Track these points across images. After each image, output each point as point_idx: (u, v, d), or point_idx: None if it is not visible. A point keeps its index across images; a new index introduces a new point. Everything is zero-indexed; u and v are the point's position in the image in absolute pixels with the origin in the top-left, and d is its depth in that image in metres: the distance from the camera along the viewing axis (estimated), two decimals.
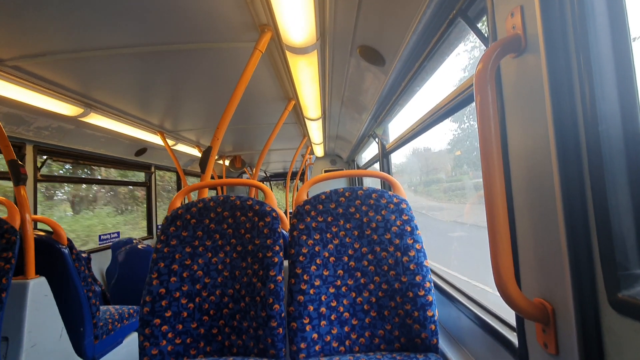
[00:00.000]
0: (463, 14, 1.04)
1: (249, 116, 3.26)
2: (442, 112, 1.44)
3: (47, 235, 1.86)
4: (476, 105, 0.67)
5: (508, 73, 0.77)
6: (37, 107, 2.19)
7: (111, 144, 3.33)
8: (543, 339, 0.70)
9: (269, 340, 1.11)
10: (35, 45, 1.59)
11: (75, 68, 1.86)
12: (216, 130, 1.69)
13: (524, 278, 0.76)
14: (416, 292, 1.13)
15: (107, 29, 1.50)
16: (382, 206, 1.25)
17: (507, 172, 0.79)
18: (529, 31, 0.69)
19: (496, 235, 0.64)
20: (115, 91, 2.29)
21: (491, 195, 0.64)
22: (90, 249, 3.29)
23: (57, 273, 1.79)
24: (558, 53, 0.64)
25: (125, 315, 2.21)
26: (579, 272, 0.60)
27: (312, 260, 1.21)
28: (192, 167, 5.45)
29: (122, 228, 5.02)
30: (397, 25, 1.38)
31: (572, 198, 0.61)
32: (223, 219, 1.30)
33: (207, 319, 1.21)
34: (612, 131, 0.56)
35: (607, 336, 0.57)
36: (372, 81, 2.10)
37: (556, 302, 0.65)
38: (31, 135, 2.54)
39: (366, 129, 3.29)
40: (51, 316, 1.73)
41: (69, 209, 4.56)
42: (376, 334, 1.16)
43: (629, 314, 0.52)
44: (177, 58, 1.84)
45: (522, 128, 0.73)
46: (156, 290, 1.19)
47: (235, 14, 1.44)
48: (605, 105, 0.56)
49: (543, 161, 0.66)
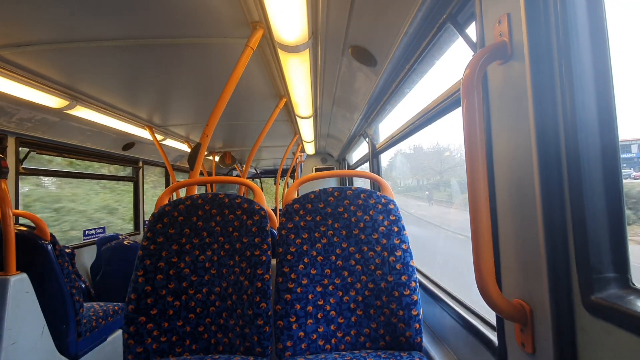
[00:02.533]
0: (453, 19, 1.05)
1: (239, 113, 3.23)
2: (430, 115, 1.46)
3: (29, 230, 1.81)
4: (462, 110, 0.68)
5: (494, 79, 0.79)
6: (20, 98, 2.12)
7: (98, 137, 3.26)
8: (521, 339, 0.72)
9: (255, 339, 1.12)
10: (19, 35, 1.54)
11: (61, 59, 1.81)
12: (205, 127, 1.68)
13: (505, 280, 0.78)
14: (402, 292, 1.15)
15: (95, 20, 1.46)
16: (370, 206, 1.26)
17: (490, 176, 0.81)
18: (515, 38, 0.70)
19: (479, 237, 0.65)
20: (103, 84, 2.24)
21: (475, 198, 0.66)
22: (75, 245, 3.23)
23: (39, 269, 1.75)
24: (542, 60, 0.65)
25: (110, 312, 2.17)
26: (556, 275, 0.62)
27: (300, 259, 1.22)
28: (181, 163, 5.38)
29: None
30: (388, 26, 1.39)
31: (552, 203, 0.63)
32: (211, 216, 1.30)
33: (194, 316, 1.20)
34: (590, 139, 0.58)
35: (581, 336, 0.59)
36: (363, 81, 2.11)
37: (534, 303, 0.67)
38: (13, 127, 2.46)
39: (357, 128, 3.31)
40: (32, 313, 1.70)
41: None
42: (362, 332, 1.18)
43: (601, 316, 0.54)
44: (166, 52, 1.81)
45: (506, 133, 0.75)
46: (142, 288, 1.18)
47: (227, 9, 1.42)
48: (584, 114, 0.58)
49: (525, 166, 0.68)
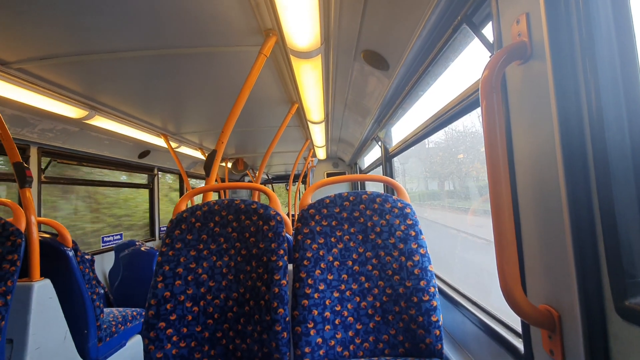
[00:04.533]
0: (468, 20, 1.04)
1: (252, 119, 3.27)
2: (446, 117, 1.44)
3: (52, 237, 1.87)
4: (482, 112, 0.67)
5: (514, 80, 0.78)
6: (42, 110, 2.21)
7: (115, 146, 3.36)
8: (549, 346, 0.70)
9: (273, 344, 1.11)
10: (40, 48, 1.61)
11: (80, 71, 1.87)
12: (221, 134, 1.70)
13: (530, 284, 0.76)
14: (420, 297, 1.13)
15: (113, 33, 1.51)
16: (386, 210, 1.25)
17: (512, 178, 0.79)
18: (535, 38, 0.69)
19: (502, 241, 0.64)
20: (120, 94, 2.31)
21: (497, 201, 0.64)
22: (93, 251, 3.31)
23: (61, 275, 1.79)
24: (564, 60, 0.64)
25: (129, 317, 2.21)
26: (586, 279, 0.60)
27: (317, 264, 1.22)
28: (194, 170, 5.46)
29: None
30: (401, 30, 1.39)
31: (579, 205, 0.61)
32: (228, 222, 1.31)
33: (212, 322, 1.21)
34: (618, 138, 0.56)
35: (614, 343, 0.57)
36: (375, 85, 2.11)
37: (562, 309, 0.65)
38: (35, 137, 2.55)
39: (369, 132, 3.30)
40: (55, 318, 1.74)
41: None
42: (380, 338, 1.16)
43: (636, 322, 0.52)
44: (181, 61, 1.86)
45: (528, 134, 0.74)
46: (161, 294, 1.20)
47: (241, 18, 1.45)
48: (611, 112, 0.57)
49: (549, 167, 0.66)
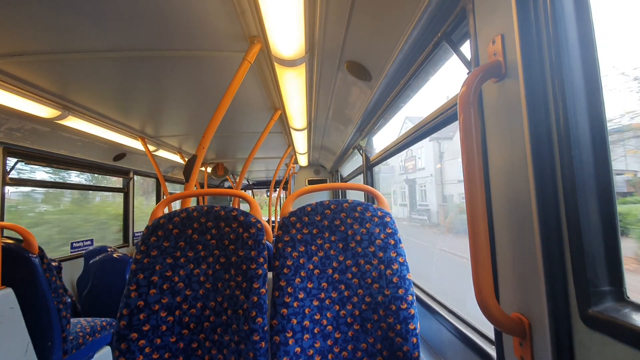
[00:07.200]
0: (447, 37, 1.09)
1: (234, 124, 3.24)
2: (425, 129, 1.49)
3: (16, 243, 1.76)
4: (459, 126, 0.70)
5: (489, 96, 0.82)
6: (10, 108, 2.09)
7: (89, 148, 3.22)
8: (520, 353, 0.72)
9: (251, 355, 1.09)
10: (11, 44, 1.53)
11: (54, 69, 1.80)
12: (202, 139, 1.67)
13: (503, 293, 0.79)
14: (399, 305, 1.14)
15: (91, 32, 1.46)
16: (366, 219, 1.27)
17: (487, 189, 0.82)
18: (509, 58, 0.73)
19: (477, 251, 0.66)
20: (96, 94, 2.22)
21: (473, 211, 0.67)
22: (61, 257, 3.13)
23: (25, 283, 1.69)
24: (535, 80, 0.68)
25: (97, 328, 2.10)
26: (554, 288, 0.63)
27: (297, 273, 1.21)
28: (172, 174, 5.32)
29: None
30: (384, 43, 1.43)
31: (548, 217, 0.65)
32: (207, 229, 1.28)
33: (187, 332, 1.17)
34: (584, 156, 0.60)
35: (579, 350, 0.60)
36: (358, 95, 2.15)
37: (532, 317, 0.68)
38: (1, 136, 2.42)
39: (351, 141, 3.34)
40: (17, 330, 1.63)
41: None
42: (359, 347, 1.16)
43: (599, 329, 0.55)
44: (163, 64, 1.82)
45: (502, 148, 0.77)
46: (134, 303, 1.15)
47: (226, 24, 1.44)
48: (578, 131, 0.61)
49: (521, 180, 0.70)
